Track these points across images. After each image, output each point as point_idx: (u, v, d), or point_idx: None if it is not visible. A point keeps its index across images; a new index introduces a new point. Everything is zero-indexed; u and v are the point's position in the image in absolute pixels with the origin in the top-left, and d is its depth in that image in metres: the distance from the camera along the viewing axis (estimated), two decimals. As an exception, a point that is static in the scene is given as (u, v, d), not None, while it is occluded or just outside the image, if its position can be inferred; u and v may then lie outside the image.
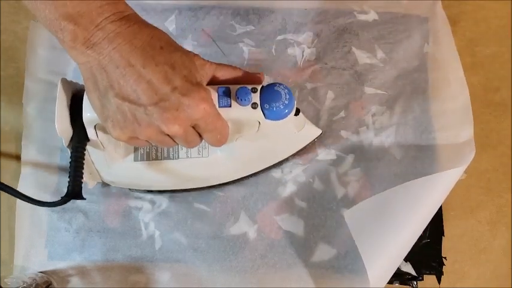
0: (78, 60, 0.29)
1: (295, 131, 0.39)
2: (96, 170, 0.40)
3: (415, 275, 0.40)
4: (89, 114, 0.33)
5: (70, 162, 0.36)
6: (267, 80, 0.45)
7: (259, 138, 0.38)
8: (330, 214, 0.41)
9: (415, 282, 0.40)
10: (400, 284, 0.40)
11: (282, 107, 0.34)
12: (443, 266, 0.41)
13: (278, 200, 0.42)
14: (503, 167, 0.43)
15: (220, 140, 0.33)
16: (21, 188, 0.43)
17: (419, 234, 0.38)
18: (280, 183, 0.43)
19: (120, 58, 0.28)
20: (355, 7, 0.46)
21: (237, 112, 0.33)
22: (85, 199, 0.37)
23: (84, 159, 0.36)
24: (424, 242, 0.41)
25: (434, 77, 0.45)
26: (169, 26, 0.47)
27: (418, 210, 0.37)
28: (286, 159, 0.43)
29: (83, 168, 0.36)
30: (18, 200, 0.43)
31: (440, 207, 0.42)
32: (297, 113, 0.36)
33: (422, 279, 0.40)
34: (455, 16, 0.46)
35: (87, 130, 0.36)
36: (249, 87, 0.34)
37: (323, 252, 0.40)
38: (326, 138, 0.44)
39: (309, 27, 0.46)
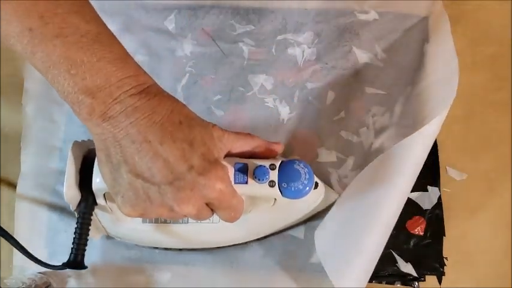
0: (92, 130, 0.28)
1: (313, 202, 0.38)
2: (103, 226, 0.39)
3: (416, 275, 0.40)
4: (98, 181, 0.32)
5: (76, 228, 0.34)
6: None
7: (274, 210, 0.37)
8: (330, 215, 0.41)
9: (416, 283, 0.40)
10: (402, 284, 0.40)
11: (300, 187, 0.33)
12: (445, 267, 0.41)
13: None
14: (503, 167, 0.43)
15: (234, 217, 0.32)
16: (20, 188, 0.43)
17: (394, 223, 0.37)
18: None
19: (137, 133, 0.27)
20: (356, 7, 0.46)
21: (253, 189, 0.33)
22: (87, 267, 0.35)
23: (90, 225, 0.35)
24: (424, 242, 0.41)
25: (434, 77, 0.45)
26: (169, 25, 0.47)
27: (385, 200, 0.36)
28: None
29: (88, 235, 0.35)
30: (18, 201, 0.43)
31: (441, 207, 0.42)
32: (316, 186, 0.35)
33: (424, 280, 0.40)
34: (455, 16, 0.46)
35: (95, 196, 0.34)
36: (267, 164, 0.33)
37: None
38: (326, 139, 0.44)
39: (309, 27, 0.46)
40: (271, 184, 0.33)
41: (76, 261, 0.34)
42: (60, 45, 0.25)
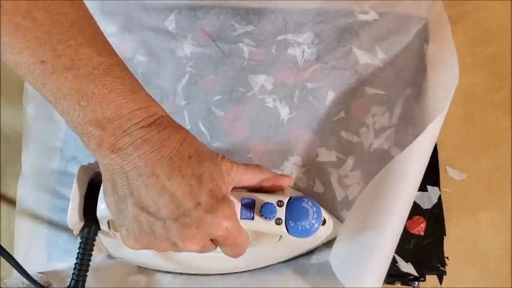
0: (100, 160, 0.27)
1: (319, 238, 0.38)
2: (105, 247, 0.39)
3: (417, 275, 0.40)
4: (103, 208, 0.32)
5: (78, 253, 0.34)
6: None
7: (280, 245, 0.37)
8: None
9: (416, 283, 0.40)
10: (402, 284, 0.40)
11: (308, 227, 0.32)
12: (445, 266, 0.41)
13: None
14: (504, 167, 0.43)
15: (238, 253, 0.32)
16: (21, 188, 0.43)
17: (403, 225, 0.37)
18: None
19: (145, 167, 0.26)
20: (356, 7, 0.46)
21: (259, 226, 0.32)
22: None
23: (92, 250, 0.34)
24: (425, 242, 0.41)
25: (434, 78, 0.45)
26: (169, 25, 0.47)
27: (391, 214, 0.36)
28: None
29: (90, 260, 0.34)
30: (18, 201, 0.43)
31: (441, 207, 0.42)
32: (323, 223, 0.34)
33: (424, 280, 0.40)
34: (455, 16, 0.46)
35: (99, 222, 0.34)
36: (275, 201, 0.32)
37: (322, 254, 0.40)
38: (326, 139, 0.44)
39: (309, 27, 0.46)
40: (278, 222, 0.32)
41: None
42: (72, 78, 0.25)
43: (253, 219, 0.32)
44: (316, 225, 0.32)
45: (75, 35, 0.25)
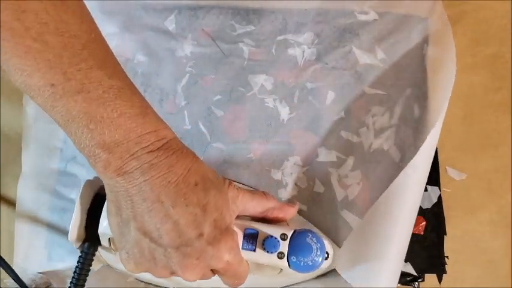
0: (105, 181, 0.27)
1: (320, 270, 0.37)
2: (104, 259, 0.39)
3: (416, 275, 0.40)
4: (105, 226, 0.31)
5: (76, 267, 0.34)
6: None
7: (280, 276, 0.36)
8: (330, 217, 0.41)
9: (416, 283, 0.40)
10: (402, 284, 0.40)
11: (310, 263, 0.31)
12: (446, 266, 0.41)
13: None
14: (503, 167, 0.43)
15: (237, 284, 0.32)
16: (20, 189, 0.43)
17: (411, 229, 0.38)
18: (280, 185, 0.43)
19: (150, 192, 0.26)
20: (356, 7, 0.46)
21: (260, 258, 0.32)
22: None
23: (91, 265, 0.34)
24: (424, 242, 0.41)
25: (434, 78, 0.45)
26: (169, 25, 0.47)
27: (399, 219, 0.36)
28: None
29: (87, 275, 0.34)
30: (18, 200, 0.43)
31: (441, 206, 0.42)
32: (326, 257, 0.34)
33: (423, 280, 0.40)
34: (455, 16, 0.46)
35: (100, 238, 0.33)
36: (278, 234, 0.31)
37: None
38: (326, 139, 0.44)
39: (309, 27, 0.46)
40: (280, 256, 0.31)
41: None
42: (81, 101, 0.24)
43: (254, 251, 0.31)
44: (318, 262, 0.31)
45: (86, 58, 0.24)
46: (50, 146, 0.44)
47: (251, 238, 0.31)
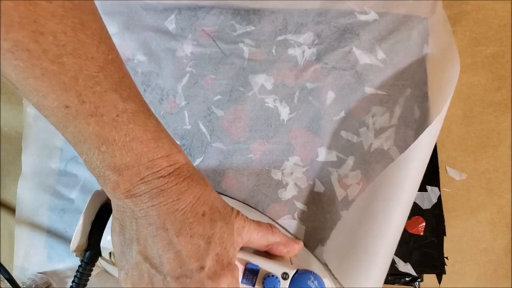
0: (112, 201, 0.27)
1: None
2: (103, 266, 0.39)
3: (416, 275, 0.40)
4: (108, 240, 0.31)
5: (75, 277, 0.33)
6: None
7: None
8: (330, 217, 0.41)
9: (416, 283, 0.40)
10: (402, 284, 0.40)
11: None
12: (445, 266, 0.41)
13: (278, 202, 0.42)
14: (503, 167, 0.43)
15: None
16: (21, 189, 0.43)
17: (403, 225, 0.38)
18: (280, 185, 0.43)
19: (156, 217, 0.26)
20: (356, 7, 0.46)
21: None
22: None
23: (90, 275, 0.34)
24: (424, 242, 0.41)
25: (434, 78, 0.45)
26: (169, 25, 0.47)
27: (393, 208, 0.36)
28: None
29: (86, 285, 0.34)
30: (18, 200, 0.43)
31: (441, 207, 0.42)
32: None
33: (422, 280, 0.40)
34: (455, 16, 0.46)
35: (101, 250, 0.33)
36: (279, 273, 0.31)
37: (321, 255, 0.40)
38: (326, 139, 0.44)
39: (310, 27, 0.46)
40: None
41: None
42: (94, 124, 0.24)
43: (253, 286, 0.31)
44: None
45: (102, 81, 0.24)
46: (50, 146, 0.44)
47: (252, 274, 0.31)
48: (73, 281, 0.33)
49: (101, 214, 0.33)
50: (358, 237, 0.37)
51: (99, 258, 0.36)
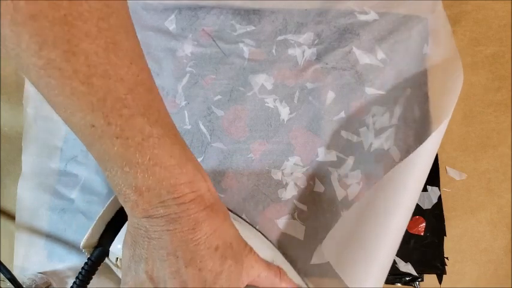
0: (129, 217, 0.27)
1: None
2: (107, 264, 0.38)
3: (416, 275, 0.40)
4: (119, 248, 0.31)
5: (79, 273, 0.33)
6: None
7: None
8: (330, 217, 0.41)
9: (416, 283, 0.40)
10: (402, 284, 0.40)
11: None
12: (445, 266, 0.41)
13: (278, 202, 0.42)
14: (503, 167, 0.43)
15: None
16: (20, 189, 0.43)
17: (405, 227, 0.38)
18: (280, 185, 0.43)
19: (169, 243, 0.26)
20: (356, 7, 0.46)
21: None
22: None
23: (94, 274, 0.34)
24: (424, 242, 0.41)
25: (434, 78, 0.45)
26: (170, 25, 0.47)
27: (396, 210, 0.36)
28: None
29: (88, 283, 0.34)
30: (18, 200, 0.43)
31: (441, 207, 0.42)
32: None
33: (422, 280, 0.40)
34: (455, 16, 0.46)
35: (109, 254, 0.33)
36: None
37: (322, 255, 0.40)
38: (326, 139, 0.44)
39: (310, 27, 0.46)
40: None
41: None
42: (119, 145, 0.24)
43: None
44: None
45: (130, 104, 0.24)
46: (50, 146, 0.44)
47: None
48: (77, 277, 0.33)
49: (117, 217, 0.33)
50: (359, 236, 0.37)
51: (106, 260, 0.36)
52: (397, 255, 0.41)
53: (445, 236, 0.41)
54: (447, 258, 0.41)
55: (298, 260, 0.41)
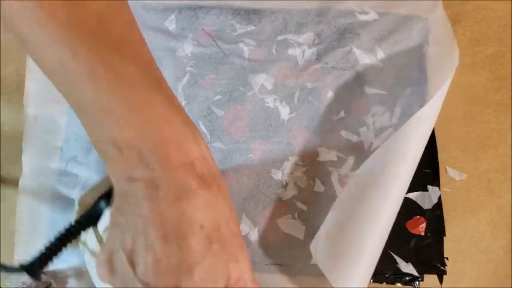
0: (110, 176, 0.24)
1: None
2: (84, 246, 0.38)
3: (417, 275, 0.40)
4: (102, 226, 0.30)
5: (60, 232, 0.31)
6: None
7: None
8: (331, 216, 0.41)
9: (417, 283, 0.40)
10: (402, 284, 0.40)
11: None
12: (445, 266, 0.41)
13: (279, 202, 0.42)
14: (503, 167, 0.43)
15: None
16: (21, 188, 0.43)
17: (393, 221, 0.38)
18: (280, 185, 0.43)
19: (148, 212, 0.22)
20: (356, 7, 0.46)
21: None
22: (39, 280, 0.31)
23: (75, 239, 0.31)
24: (425, 242, 0.41)
25: (434, 78, 0.45)
26: (169, 25, 0.47)
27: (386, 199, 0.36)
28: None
29: (66, 247, 0.31)
30: (19, 200, 0.43)
31: (441, 207, 0.42)
32: None
33: (423, 280, 0.40)
34: (455, 16, 0.46)
35: (98, 223, 0.32)
36: None
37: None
38: (326, 138, 0.44)
39: (310, 27, 0.46)
40: None
41: (34, 267, 0.30)
42: (88, 86, 0.22)
43: None
44: None
45: (99, 37, 0.22)
46: (50, 146, 0.44)
47: None
48: (59, 233, 0.31)
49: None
50: (346, 231, 0.37)
51: (89, 238, 0.35)
52: (398, 255, 0.41)
53: (445, 236, 0.41)
54: (447, 258, 0.41)
55: (298, 260, 0.41)
